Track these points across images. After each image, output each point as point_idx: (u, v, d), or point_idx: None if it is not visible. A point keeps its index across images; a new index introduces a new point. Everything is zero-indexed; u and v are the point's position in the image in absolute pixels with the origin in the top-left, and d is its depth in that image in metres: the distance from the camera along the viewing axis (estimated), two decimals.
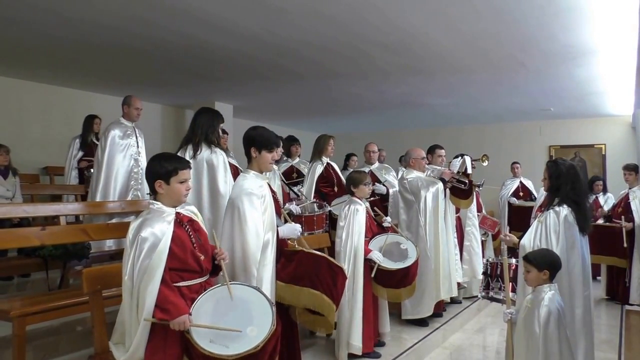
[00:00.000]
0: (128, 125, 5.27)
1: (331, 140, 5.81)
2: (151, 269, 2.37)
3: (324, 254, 3.23)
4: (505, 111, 10.09)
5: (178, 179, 2.55)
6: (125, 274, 2.42)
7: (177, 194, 2.57)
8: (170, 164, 2.56)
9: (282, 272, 3.06)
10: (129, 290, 2.42)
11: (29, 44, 5.68)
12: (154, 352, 2.41)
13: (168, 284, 2.41)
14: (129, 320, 2.45)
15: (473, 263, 6.06)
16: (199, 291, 2.55)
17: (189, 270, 2.53)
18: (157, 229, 2.44)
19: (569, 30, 5.23)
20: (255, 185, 3.03)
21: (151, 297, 2.35)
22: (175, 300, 2.38)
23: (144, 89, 7.85)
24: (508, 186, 8.93)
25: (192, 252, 2.53)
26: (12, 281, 5.17)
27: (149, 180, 2.60)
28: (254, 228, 2.92)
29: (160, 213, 2.53)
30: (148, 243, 2.40)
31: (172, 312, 2.34)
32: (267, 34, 5.36)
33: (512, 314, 3.23)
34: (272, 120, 10.64)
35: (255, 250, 2.91)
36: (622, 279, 6.39)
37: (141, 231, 2.42)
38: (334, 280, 3.07)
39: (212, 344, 2.30)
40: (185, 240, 2.53)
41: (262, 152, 3.11)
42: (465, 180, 5.23)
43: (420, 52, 6.04)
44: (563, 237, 3.41)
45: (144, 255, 2.38)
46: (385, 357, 4.08)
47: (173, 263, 2.46)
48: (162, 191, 2.56)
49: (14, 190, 5.70)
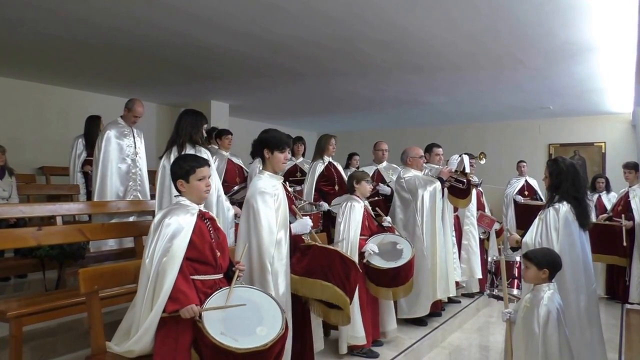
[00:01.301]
0: (126, 126, 5.25)
1: (332, 139, 5.82)
2: (172, 253, 2.53)
3: (336, 248, 3.30)
4: (505, 109, 10.07)
5: (196, 177, 2.75)
6: (147, 257, 2.57)
7: (198, 191, 2.77)
8: (187, 164, 2.78)
9: (297, 265, 3.17)
10: (146, 274, 2.55)
11: (24, 43, 5.66)
12: (164, 340, 2.50)
13: (185, 273, 2.55)
14: (141, 305, 2.55)
15: (471, 262, 6.06)
16: (213, 287, 2.65)
17: (205, 262, 2.66)
18: (182, 218, 2.64)
19: (568, 28, 5.21)
20: (268, 185, 3.18)
21: (169, 282, 2.48)
22: (186, 289, 2.49)
23: (139, 88, 7.83)
24: (514, 184, 8.90)
25: (210, 245, 2.69)
26: (9, 282, 5.14)
27: (173, 181, 2.83)
28: (267, 225, 3.06)
29: (185, 206, 2.73)
30: (172, 228, 2.58)
31: (182, 301, 2.45)
32: (263, 32, 5.33)
33: (510, 313, 3.23)
34: (269, 120, 10.62)
35: (269, 245, 3.04)
36: (622, 278, 6.38)
37: (166, 217, 2.63)
38: (346, 274, 3.14)
39: (222, 335, 2.36)
40: (205, 232, 2.70)
41: (275, 153, 3.26)
42: (463, 179, 5.20)
43: (419, 50, 6.02)
44: (563, 234, 3.44)
45: (167, 238, 2.56)
46: (384, 356, 4.07)
47: (191, 252, 2.60)
48: (184, 189, 2.77)
49: (10, 190, 5.68)
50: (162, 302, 2.47)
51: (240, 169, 6.19)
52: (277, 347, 2.43)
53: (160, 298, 2.47)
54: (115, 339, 2.73)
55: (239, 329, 2.41)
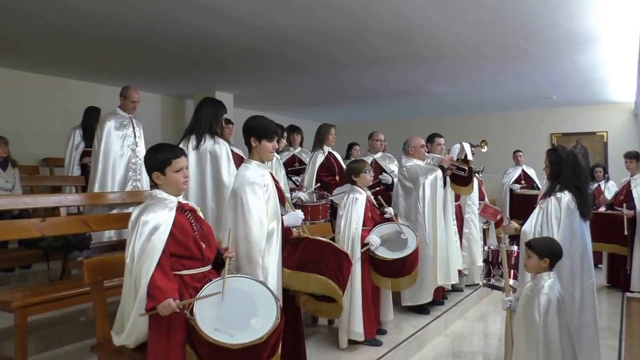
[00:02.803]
0: (124, 115, 5.23)
1: (332, 129, 5.79)
2: (149, 251, 2.42)
3: (328, 240, 3.25)
4: (508, 99, 10.05)
5: (173, 169, 2.59)
6: (127, 256, 2.49)
7: (175, 183, 2.62)
8: (162, 155, 2.61)
9: (288, 259, 3.08)
10: (129, 273, 2.48)
11: (27, 34, 5.64)
12: (157, 340, 2.43)
13: (163, 268, 2.43)
14: (128, 302, 2.50)
15: (472, 250, 6.08)
16: (202, 280, 2.56)
17: (191, 257, 2.56)
18: (159, 214, 2.51)
19: (571, 18, 5.18)
20: (257, 175, 3.05)
21: (146, 279, 2.38)
22: (162, 284, 2.37)
23: (143, 79, 7.81)
24: (510, 174, 8.91)
25: (193, 238, 2.57)
26: (14, 273, 5.17)
27: (148, 173, 2.67)
28: (258, 217, 2.94)
29: (162, 200, 2.59)
30: (149, 226, 2.46)
31: (157, 297, 2.34)
32: (268, 22, 5.31)
33: (511, 302, 3.24)
34: (273, 110, 10.60)
35: (260, 239, 2.93)
36: (623, 266, 6.39)
37: (142, 215, 2.49)
38: (339, 266, 3.10)
39: (217, 332, 2.29)
40: (186, 226, 2.58)
41: (262, 142, 3.12)
42: (464, 167, 5.21)
43: (423, 40, 6.00)
44: (564, 224, 3.43)
45: (144, 237, 2.44)
46: (387, 344, 4.09)
47: (175, 248, 2.50)
48: (161, 182, 2.62)
49: (14, 181, 5.68)
50: (141, 299, 2.38)
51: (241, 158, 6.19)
52: (273, 338, 2.38)
53: (139, 296, 2.40)
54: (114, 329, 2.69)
55: (233, 323, 2.34)
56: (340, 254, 3.16)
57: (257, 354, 2.34)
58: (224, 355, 2.29)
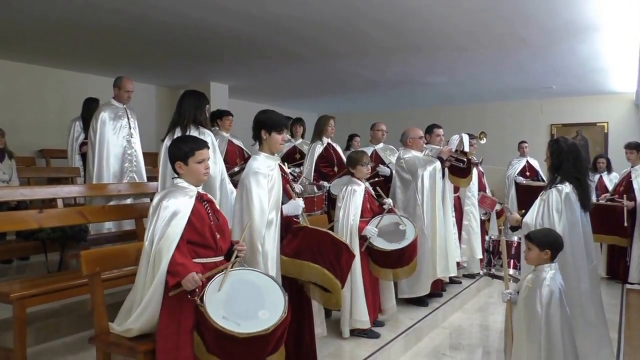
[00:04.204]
0: (119, 106, 5.21)
1: (331, 120, 5.77)
2: (169, 235, 2.52)
3: (327, 230, 3.28)
4: (506, 89, 10.00)
5: (195, 159, 2.72)
6: (146, 240, 2.59)
7: (196, 173, 2.74)
8: (187, 146, 2.73)
9: (287, 247, 3.15)
10: (147, 255, 2.57)
11: (22, 25, 5.60)
12: (168, 323, 2.52)
13: (182, 251, 2.54)
14: (142, 286, 2.58)
15: (472, 242, 6.08)
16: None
17: (205, 245, 2.66)
18: (180, 200, 2.63)
19: (571, 6, 5.13)
20: (263, 166, 3.15)
21: (165, 260, 2.48)
22: (183, 261, 2.50)
23: (138, 70, 7.77)
24: (515, 165, 8.87)
25: (209, 227, 2.68)
26: (12, 264, 5.16)
27: (171, 163, 2.78)
28: (259, 205, 3.04)
29: (183, 188, 2.71)
30: (169, 210, 2.57)
31: (181, 273, 2.46)
32: (263, 12, 5.26)
33: (511, 294, 3.23)
34: (269, 101, 10.54)
35: (260, 225, 3.03)
36: (623, 258, 6.40)
37: (164, 200, 2.61)
38: (337, 256, 3.11)
39: (225, 320, 2.35)
40: (204, 215, 2.69)
41: (272, 134, 3.21)
42: (463, 158, 5.18)
43: (420, 29, 5.95)
44: (565, 215, 3.43)
45: (164, 221, 2.55)
46: (385, 337, 4.10)
47: (191, 235, 2.60)
48: (183, 172, 2.74)
49: (11, 173, 5.66)
50: (161, 277, 2.49)
51: (241, 150, 6.17)
52: (279, 331, 2.43)
53: (159, 274, 2.49)
54: (118, 320, 2.75)
55: (241, 313, 2.40)
56: (339, 243, 3.19)
57: (262, 345, 2.39)
58: (229, 343, 2.34)
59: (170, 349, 2.50)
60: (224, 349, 2.39)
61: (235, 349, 2.35)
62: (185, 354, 2.50)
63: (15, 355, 3.07)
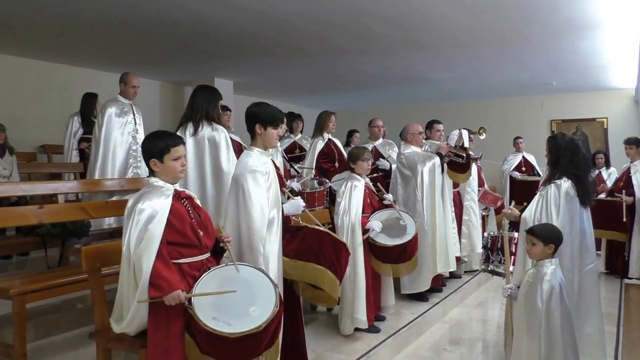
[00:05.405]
0: (125, 102, 5.21)
1: (332, 116, 5.76)
2: (147, 240, 2.40)
3: (327, 230, 3.23)
4: (508, 86, 10.00)
5: (171, 157, 2.57)
6: (124, 245, 2.46)
7: (173, 171, 2.59)
8: (162, 142, 2.57)
9: (287, 248, 3.06)
10: (127, 261, 2.45)
11: (25, 20, 5.58)
12: (156, 328, 2.42)
13: (164, 258, 2.41)
14: (127, 291, 2.48)
15: (472, 237, 6.07)
16: (201, 269, 2.55)
17: (189, 245, 2.54)
18: (155, 202, 2.48)
19: (573, 3, 5.13)
20: (259, 163, 2.99)
21: (146, 267, 2.36)
22: (167, 275, 2.36)
23: (142, 66, 7.74)
24: (510, 161, 8.87)
25: (191, 226, 2.55)
26: (11, 260, 5.17)
27: (145, 160, 2.62)
28: (259, 205, 2.90)
29: (159, 188, 2.56)
30: (145, 214, 2.43)
31: (164, 288, 2.33)
32: (268, 8, 5.25)
33: (511, 289, 3.23)
34: (273, 97, 10.52)
35: (261, 227, 2.89)
36: (622, 253, 6.39)
37: (138, 203, 2.46)
38: (337, 256, 3.08)
39: (215, 321, 2.28)
40: (183, 213, 2.55)
41: (268, 129, 3.04)
42: (462, 153, 5.18)
43: (423, 26, 5.94)
44: (563, 211, 3.42)
45: (141, 226, 2.41)
46: (385, 331, 4.10)
47: (172, 236, 2.47)
48: (158, 169, 2.58)
49: (11, 168, 5.66)
50: (143, 288, 2.36)
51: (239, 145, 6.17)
52: (272, 326, 2.37)
53: (140, 285, 2.37)
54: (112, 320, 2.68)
55: (231, 312, 2.32)
56: (338, 243, 3.14)
57: (255, 342, 2.34)
58: (222, 344, 2.28)
59: (159, 353, 2.41)
60: (217, 350, 2.34)
61: (228, 348, 2.30)
62: (176, 359, 2.41)
63: (15, 350, 3.06)
